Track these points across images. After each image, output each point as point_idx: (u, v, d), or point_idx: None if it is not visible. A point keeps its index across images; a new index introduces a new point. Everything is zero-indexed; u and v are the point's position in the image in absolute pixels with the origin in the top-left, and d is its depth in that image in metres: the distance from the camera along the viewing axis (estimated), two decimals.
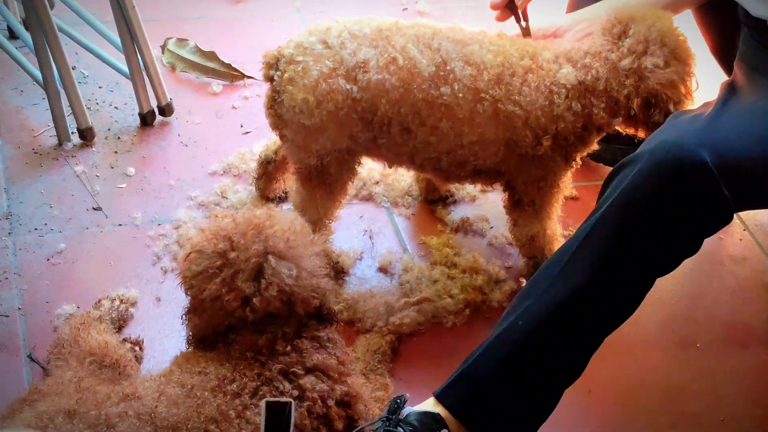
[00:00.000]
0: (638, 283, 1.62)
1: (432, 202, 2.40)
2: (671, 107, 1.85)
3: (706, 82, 2.00)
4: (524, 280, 1.63)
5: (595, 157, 2.48)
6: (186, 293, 1.63)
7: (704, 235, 1.60)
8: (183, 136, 2.57)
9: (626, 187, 1.57)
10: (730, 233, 2.37)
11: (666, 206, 1.55)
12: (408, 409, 1.65)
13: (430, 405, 1.66)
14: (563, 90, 1.90)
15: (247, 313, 1.56)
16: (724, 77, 2.08)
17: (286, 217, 1.64)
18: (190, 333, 1.64)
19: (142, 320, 2.05)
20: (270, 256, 1.55)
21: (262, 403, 1.46)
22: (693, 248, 1.61)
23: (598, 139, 2.03)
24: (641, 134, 1.96)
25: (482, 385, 1.63)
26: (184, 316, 1.65)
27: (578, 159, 2.04)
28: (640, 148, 1.63)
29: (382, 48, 1.89)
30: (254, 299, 1.55)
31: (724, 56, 2.07)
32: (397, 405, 1.65)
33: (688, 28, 2.06)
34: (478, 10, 3.17)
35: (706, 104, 1.74)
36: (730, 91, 1.76)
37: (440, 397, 1.65)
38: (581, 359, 1.64)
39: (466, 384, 1.64)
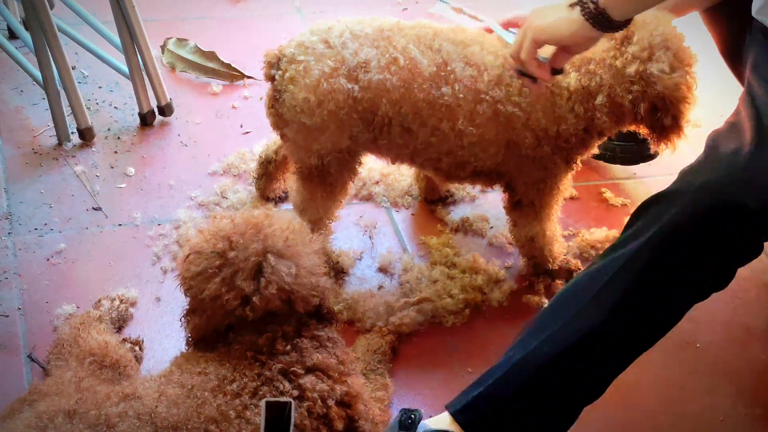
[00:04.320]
0: (669, 315, 1.63)
1: (432, 202, 2.40)
2: (679, 108, 1.86)
3: (708, 81, 2.01)
4: (546, 301, 1.63)
5: (594, 156, 2.48)
6: (185, 294, 1.63)
7: (736, 269, 1.64)
8: (183, 136, 2.57)
9: (666, 225, 1.57)
10: None
11: (705, 248, 1.57)
12: (422, 426, 1.65)
13: (445, 422, 1.65)
14: (565, 92, 1.91)
15: (247, 312, 1.55)
16: (727, 76, 2.06)
17: (284, 217, 1.64)
18: (190, 334, 1.64)
19: (142, 320, 2.05)
20: (269, 255, 1.55)
21: (262, 403, 1.45)
22: (726, 283, 1.64)
23: (599, 142, 2.03)
24: (645, 133, 1.96)
25: (503, 407, 1.62)
26: (183, 318, 1.65)
27: (578, 161, 2.04)
28: (677, 183, 1.63)
29: (384, 48, 1.89)
30: (254, 298, 1.55)
31: (733, 57, 2.05)
32: (411, 420, 1.65)
33: (694, 28, 2.06)
34: (478, 10, 3.17)
35: (733, 126, 1.69)
36: (756, 115, 1.68)
37: (457, 416, 1.64)
38: (605, 383, 1.65)
39: (486, 404, 1.63)
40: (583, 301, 1.61)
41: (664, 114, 1.87)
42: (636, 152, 2.45)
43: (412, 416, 1.68)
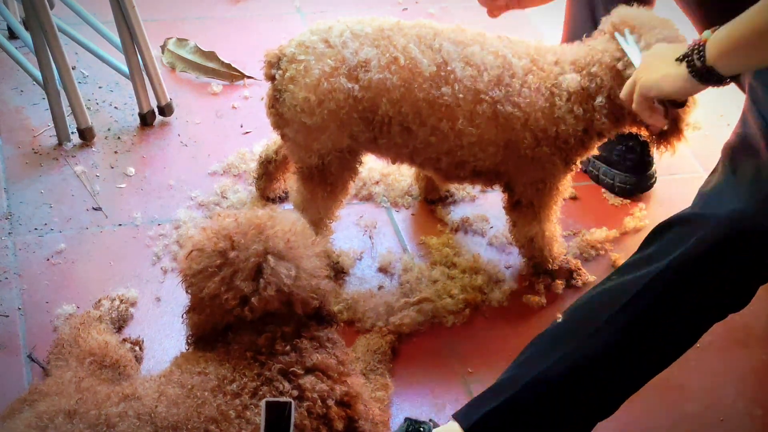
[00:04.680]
0: (688, 337, 1.64)
1: (432, 202, 2.40)
2: (678, 111, 1.85)
3: None
4: (560, 316, 1.63)
5: (594, 178, 2.49)
6: (186, 291, 1.63)
7: (756, 291, 1.64)
8: (183, 136, 2.57)
9: (690, 250, 1.56)
10: None
11: (729, 274, 1.57)
12: None
13: None
14: (565, 93, 1.91)
15: (246, 313, 1.55)
16: None
17: (287, 218, 1.64)
18: (190, 331, 1.64)
19: (142, 320, 2.05)
20: (269, 256, 1.55)
21: (262, 403, 1.45)
22: (745, 303, 1.63)
23: (599, 144, 2.03)
24: (645, 135, 1.96)
25: (517, 424, 1.62)
26: (184, 315, 1.65)
27: (578, 162, 2.04)
28: (700, 207, 1.62)
29: (384, 47, 1.89)
30: (252, 299, 1.55)
31: None
32: None
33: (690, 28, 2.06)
34: (478, 10, 3.17)
35: (746, 140, 1.67)
36: (765, 126, 1.66)
37: (472, 431, 1.64)
38: (621, 401, 1.66)
39: (500, 421, 1.63)
40: (601, 319, 1.60)
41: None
42: (634, 184, 2.44)
43: (421, 429, 1.68)
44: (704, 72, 1.54)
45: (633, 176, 2.42)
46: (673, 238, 1.61)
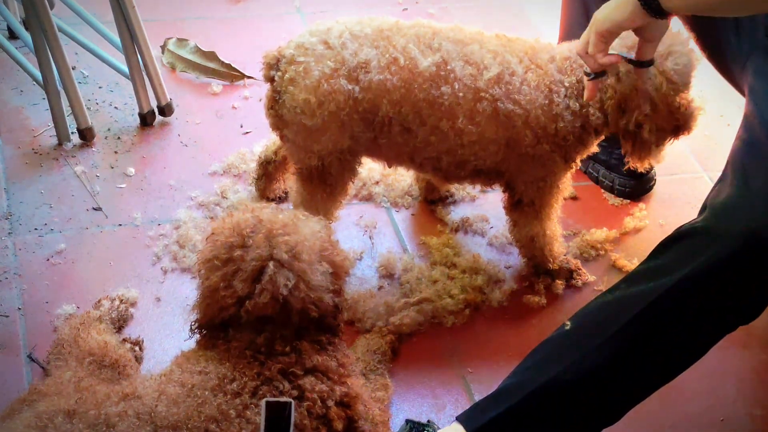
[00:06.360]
0: (698, 349, 1.63)
1: (432, 202, 2.40)
2: (641, 117, 1.82)
3: (708, 81, 2.01)
4: (568, 323, 1.61)
5: (594, 180, 2.49)
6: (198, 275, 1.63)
7: None
8: (183, 136, 2.57)
9: (704, 264, 1.55)
10: None
11: (744, 288, 1.56)
12: None
13: None
14: (562, 89, 1.91)
15: (242, 313, 1.55)
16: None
17: (308, 227, 1.61)
18: (196, 317, 1.64)
19: (142, 320, 2.05)
20: (271, 263, 1.54)
21: (262, 403, 1.45)
22: (757, 316, 1.62)
23: (597, 141, 2.03)
24: (622, 142, 1.94)
25: (524, 430, 1.62)
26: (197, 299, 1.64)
27: (578, 160, 2.04)
28: (711, 220, 1.60)
29: (383, 48, 1.89)
30: (247, 302, 1.54)
31: (718, 59, 2.03)
32: None
33: None
34: (477, 9, 3.18)
35: (753, 147, 1.66)
36: None
37: None
38: (627, 409, 1.65)
39: (506, 426, 1.62)
40: (611, 330, 1.59)
41: (626, 117, 1.84)
42: (633, 188, 2.44)
43: (426, 431, 1.69)
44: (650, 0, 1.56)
45: (632, 179, 2.42)
46: (685, 251, 1.59)
